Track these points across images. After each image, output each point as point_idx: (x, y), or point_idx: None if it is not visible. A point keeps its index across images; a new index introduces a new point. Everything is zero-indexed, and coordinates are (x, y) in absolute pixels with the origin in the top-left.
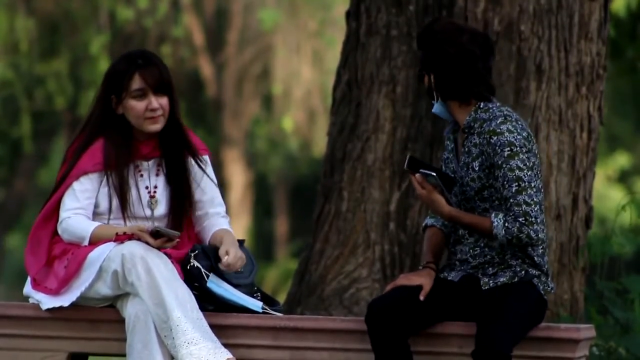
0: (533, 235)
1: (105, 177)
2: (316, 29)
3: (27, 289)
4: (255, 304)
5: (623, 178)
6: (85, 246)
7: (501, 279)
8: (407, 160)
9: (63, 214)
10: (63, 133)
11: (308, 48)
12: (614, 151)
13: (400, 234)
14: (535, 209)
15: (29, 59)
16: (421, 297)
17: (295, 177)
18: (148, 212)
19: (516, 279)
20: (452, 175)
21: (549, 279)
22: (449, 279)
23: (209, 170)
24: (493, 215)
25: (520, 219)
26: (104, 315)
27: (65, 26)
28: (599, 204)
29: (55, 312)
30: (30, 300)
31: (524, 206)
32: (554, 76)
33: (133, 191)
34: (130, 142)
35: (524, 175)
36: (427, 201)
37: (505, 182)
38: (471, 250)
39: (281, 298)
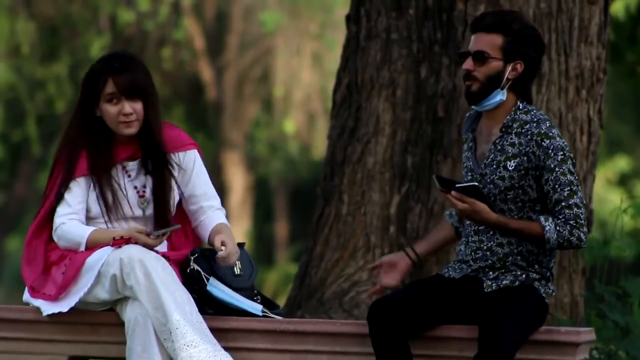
0: (583, 237)
1: (93, 181)
2: (317, 31)
3: (26, 296)
4: (256, 307)
5: (623, 181)
6: (83, 251)
7: (503, 282)
8: (437, 182)
9: (57, 221)
10: None
11: (308, 51)
12: (614, 154)
13: (400, 237)
14: (583, 212)
15: (30, 62)
16: (369, 266)
17: (296, 180)
18: (139, 212)
19: (517, 283)
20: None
21: (550, 283)
22: (451, 276)
23: (197, 164)
24: (542, 219)
25: (571, 222)
26: (103, 318)
27: (66, 29)
28: (598, 208)
29: (55, 316)
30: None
31: (575, 209)
32: (554, 80)
33: (122, 193)
34: (111, 145)
35: (574, 179)
36: (471, 214)
37: (557, 186)
38: (473, 253)
39: (281, 301)
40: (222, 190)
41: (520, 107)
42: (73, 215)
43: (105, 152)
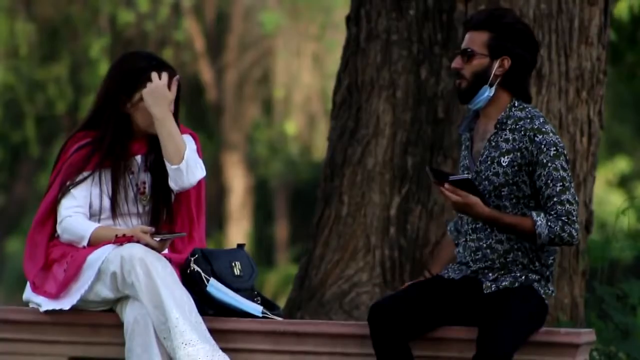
0: (574, 234)
1: (98, 175)
2: (317, 32)
3: (27, 294)
4: (256, 309)
5: (623, 182)
6: (84, 248)
7: (503, 283)
8: (431, 174)
9: (63, 212)
10: (63, 138)
11: (308, 52)
12: (614, 156)
13: (400, 239)
14: (575, 208)
15: (29, 63)
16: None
17: (296, 181)
18: (139, 209)
19: (517, 284)
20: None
21: (550, 283)
22: (451, 277)
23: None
24: (534, 214)
25: (563, 218)
26: (104, 319)
27: (66, 31)
28: (599, 209)
29: (55, 317)
30: (31, 305)
31: (567, 205)
32: (554, 81)
33: (124, 188)
34: (128, 142)
35: (567, 175)
36: (463, 207)
37: (549, 181)
38: (472, 254)
39: (281, 303)
40: (222, 191)
41: (516, 105)
42: (78, 208)
43: (117, 148)
